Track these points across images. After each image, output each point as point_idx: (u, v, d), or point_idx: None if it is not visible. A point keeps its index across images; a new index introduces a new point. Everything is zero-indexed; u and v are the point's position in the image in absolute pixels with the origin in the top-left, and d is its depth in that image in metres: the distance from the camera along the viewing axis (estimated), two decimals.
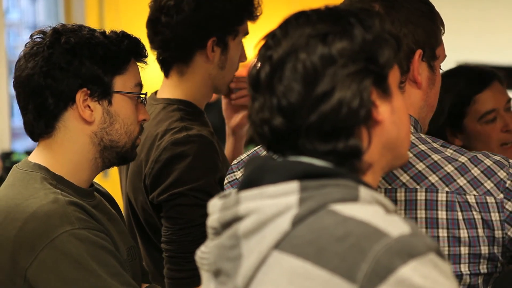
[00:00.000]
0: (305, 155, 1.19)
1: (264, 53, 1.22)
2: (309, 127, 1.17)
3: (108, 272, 1.65)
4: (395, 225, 1.12)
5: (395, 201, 1.55)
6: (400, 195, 1.55)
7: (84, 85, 1.75)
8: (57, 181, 1.75)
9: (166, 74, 2.28)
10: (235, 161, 1.78)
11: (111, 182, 3.68)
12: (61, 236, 1.64)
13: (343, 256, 1.11)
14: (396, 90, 1.24)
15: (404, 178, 1.55)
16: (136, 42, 1.84)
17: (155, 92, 2.33)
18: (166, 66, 2.26)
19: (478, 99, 2.30)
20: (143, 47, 1.85)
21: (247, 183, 1.22)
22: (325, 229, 1.13)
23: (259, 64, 1.22)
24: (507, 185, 1.54)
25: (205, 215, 1.30)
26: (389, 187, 1.56)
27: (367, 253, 1.10)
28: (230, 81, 2.28)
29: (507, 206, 1.54)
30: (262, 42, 1.24)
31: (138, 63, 1.85)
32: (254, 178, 1.21)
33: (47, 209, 1.67)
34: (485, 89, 2.30)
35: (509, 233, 1.54)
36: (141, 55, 1.84)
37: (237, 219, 1.20)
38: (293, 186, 1.17)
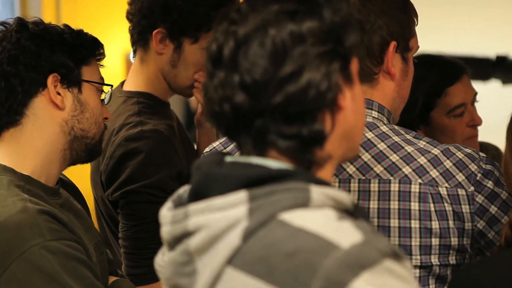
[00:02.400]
0: (267, 140, 1.14)
1: (228, 28, 1.15)
2: (274, 108, 1.11)
3: (82, 285, 1.61)
4: (346, 234, 1.07)
5: (368, 191, 1.57)
6: (374, 185, 1.57)
7: (55, 70, 1.73)
8: (25, 181, 1.70)
9: (133, 57, 2.27)
10: (207, 149, 1.78)
11: (66, 171, 3.64)
12: (32, 249, 1.59)
13: (294, 274, 1.06)
14: (356, 78, 1.20)
15: (378, 169, 1.57)
16: (96, 40, 1.84)
17: (122, 83, 2.31)
18: (133, 46, 2.25)
19: (449, 92, 2.30)
20: (102, 46, 1.84)
21: (194, 194, 1.16)
22: (275, 244, 1.08)
23: (220, 39, 1.15)
24: (477, 178, 1.57)
25: (159, 211, 1.26)
26: (363, 177, 1.57)
27: (318, 269, 1.05)
28: (185, 84, 2.21)
29: (477, 199, 1.57)
30: (223, 17, 1.18)
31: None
32: (201, 189, 1.16)
33: (16, 219, 1.60)
34: (457, 82, 2.31)
35: (478, 225, 1.57)
36: (100, 54, 1.83)
37: (187, 234, 1.15)
38: (241, 196, 1.11)
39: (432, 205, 1.55)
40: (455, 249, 1.57)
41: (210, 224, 1.12)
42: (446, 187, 1.56)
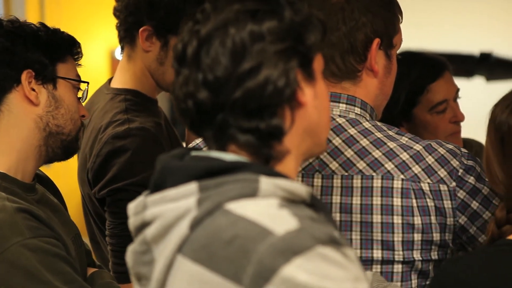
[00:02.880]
0: (228, 134, 1.18)
1: (192, 27, 1.20)
2: (234, 103, 1.16)
3: (62, 281, 1.62)
4: (282, 222, 1.10)
5: (351, 187, 1.58)
6: (357, 181, 1.57)
7: (29, 67, 1.74)
8: (1, 179, 1.70)
9: (121, 53, 2.26)
10: (190, 145, 1.79)
11: (53, 170, 3.63)
12: (12, 248, 1.60)
13: (231, 259, 1.10)
14: (319, 76, 1.24)
15: (361, 165, 1.58)
16: (72, 38, 1.84)
17: (110, 80, 2.30)
18: (120, 43, 2.25)
19: (432, 89, 2.30)
20: (79, 45, 1.85)
21: (154, 186, 1.21)
22: (216, 232, 1.12)
23: (185, 39, 1.20)
24: (459, 173, 1.58)
25: None
26: (346, 173, 1.58)
27: (252, 255, 1.08)
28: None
29: (459, 194, 1.58)
30: (189, 17, 1.23)
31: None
32: (159, 181, 1.20)
33: None
34: (439, 79, 2.31)
35: (460, 220, 1.58)
36: (77, 52, 1.84)
37: (145, 224, 1.20)
38: (192, 187, 1.16)
39: (414, 200, 1.56)
40: (437, 244, 1.58)
41: (164, 214, 1.17)
42: (428, 183, 1.57)
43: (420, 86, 2.30)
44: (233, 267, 1.10)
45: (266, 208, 1.13)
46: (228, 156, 1.18)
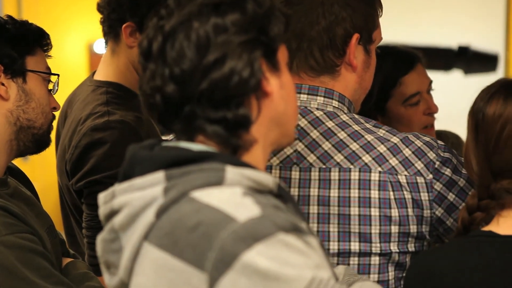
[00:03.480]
0: (196, 125, 1.20)
1: (157, 23, 1.22)
2: (201, 94, 1.18)
3: (40, 276, 1.62)
4: (245, 209, 1.13)
5: (329, 180, 1.59)
6: (334, 174, 1.58)
7: None
8: None
9: (105, 47, 2.27)
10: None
11: (30, 164, 3.62)
12: None
13: (194, 246, 1.12)
14: (284, 67, 1.27)
15: (339, 157, 1.59)
16: (41, 30, 1.83)
17: (93, 73, 2.30)
18: (104, 37, 2.25)
19: (404, 81, 2.31)
20: (48, 37, 1.84)
21: (122, 176, 1.24)
22: (180, 219, 1.15)
23: (150, 34, 1.22)
24: (436, 166, 1.60)
25: None
26: (324, 166, 1.59)
27: (214, 241, 1.10)
28: None
29: (435, 186, 1.59)
30: (154, 13, 1.24)
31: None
32: (128, 170, 1.23)
33: None
34: (411, 71, 2.32)
35: (437, 212, 1.60)
36: (46, 44, 1.83)
37: (114, 213, 1.22)
38: (158, 176, 1.18)
39: (391, 193, 1.57)
40: (414, 236, 1.59)
41: (131, 202, 1.19)
42: (405, 175, 1.58)
43: (392, 79, 2.31)
44: (195, 253, 1.12)
45: (230, 196, 1.15)
46: (196, 146, 1.21)
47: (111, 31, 2.19)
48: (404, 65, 2.33)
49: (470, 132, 1.50)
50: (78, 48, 5.22)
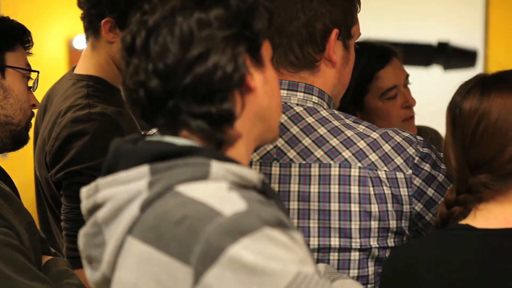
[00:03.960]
0: (179, 120, 1.20)
1: (140, 18, 1.22)
2: (185, 89, 1.17)
3: (16, 270, 1.61)
4: (230, 203, 1.12)
5: (309, 176, 1.59)
6: (315, 170, 1.59)
7: None
8: None
9: (86, 42, 2.27)
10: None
11: (10, 161, 3.60)
12: None
13: (179, 239, 1.12)
14: (268, 62, 1.27)
15: (319, 153, 1.59)
16: (22, 26, 1.82)
17: (74, 68, 2.31)
18: (85, 32, 2.25)
19: (380, 76, 2.32)
20: (29, 33, 1.83)
21: (106, 169, 1.23)
22: (166, 213, 1.14)
23: (133, 29, 1.22)
24: (415, 161, 1.61)
25: None
26: (304, 162, 1.60)
27: (199, 235, 1.10)
28: None
29: (415, 182, 1.60)
30: (137, 9, 1.24)
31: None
32: (112, 164, 1.22)
33: None
34: (386, 66, 2.33)
35: (416, 207, 1.61)
36: (27, 41, 1.82)
37: (97, 207, 1.21)
38: (143, 170, 1.18)
39: (371, 188, 1.58)
40: (393, 231, 1.60)
41: (115, 196, 1.19)
42: (385, 171, 1.59)
43: (368, 73, 2.31)
44: (181, 247, 1.11)
45: (215, 190, 1.15)
46: (180, 141, 1.20)
47: (91, 26, 2.19)
48: (379, 60, 2.34)
49: (448, 127, 1.51)
50: (58, 44, 5.19)
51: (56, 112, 2.14)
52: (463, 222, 1.48)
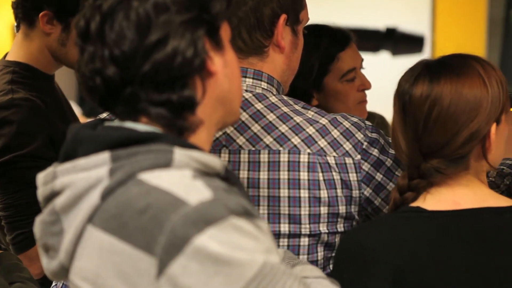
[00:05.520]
0: (139, 108, 1.17)
1: (94, 2, 1.18)
2: (143, 77, 1.14)
3: None
4: (196, 192, 1.10)
5: (258, 162, 1.58)
6: (264, 156, 1.58)
7: None
8: None
9: (16, 31, 2.25)
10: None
11: None
12: None
13: (143, 229, 1.09)
14: (228, 44, 1.24)
15: (268, 140, 1.59)
16: None
17: (6, 54, 2.29)
18: (16, 20, 2.23)
19: (341, 57, 2.34)
20: None
21: (64, 156, 1.19)
22: (128, 202, 1.12)
23: (87, 14, 1.18)
24: (364, 146, 1.61)
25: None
26: (253, 148, 1.59)
27: (164, 224, 1.08)
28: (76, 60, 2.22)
29: (363, 167, 1.61)
30: None
31: None
32: (70, 150, 1.19)
33: None
34: (347, 48, 2.36)
35: (365, 192, 1.61)
36: None
37: (54, 194, 1.18)
38: (104, 157, 1.15)
39: (320, 174, 1.58)
40: (343, 217, 1.61)
41: (74, 183, 1.15)
42: (334, 156, 1.59)
43: (330, 54, 2.33)
44: (145, 237, 1.09)
45: (180, 179, 1.13)
46: (142, 127, 1.17)
47: (25, 17, 2.18)
48: (340, 42, 2.36)
49: (397, 114, 1.52)
50: (3, 30, 5.10)
51: None
52: (414, 204, 1.50)
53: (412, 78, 1.50)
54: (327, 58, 2.33)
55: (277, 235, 1.58)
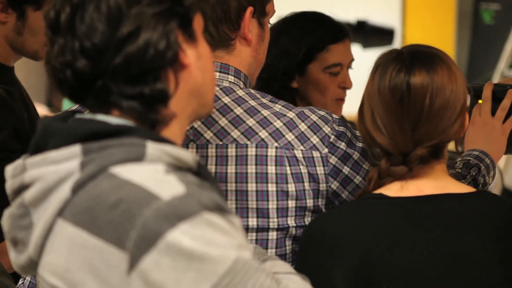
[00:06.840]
0: (110, 101, 1.15)
1: None
2: (115, 70, 1.13)
3: None
4: (168, 187, 1.09)
5: (226, 156, 1.58)
6: (231, 150, 1.58)
7: None
8: None
9: None
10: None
11: None
12: None
13: (114, 224, 1.08)
14: (201, 36, 1.23)
15: (235, 133, 1.58)
16: None
17: None
18: None
19: (331, 49, 2.35)
20: None
21: (34, 148, 1.18)
22: (100, 196, 1.10)
23: (57, 5, 1.17)
24: (331, 139, 1.61)
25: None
26: (220, 143, 1.58)
27: (136, 219, 1.07)
28: (34, 49, 2.18)
29: (331, 160, 1.61)
30: None
31: None
32: (40, 143, 1.17)
33: None
34: (340, 42, 2.37)
35: (332, 186, 1.61)
36: None
37: (24, 187, 1.16)
38: (75, 149, 1.13)
39: (288, 168, 1.57)
40: (310, 210, 1.60)
41: (44, 176, 1.14)
42: (301, 150, 1.59)
43: (321, 43, 2.34)
44: (116, 232, 1.08)
45: (152, 173, 1.11)
46: (114, 120, 1.16)
47: None
48: (335, 34, 2.37)
49: (388, 105, 1.49)
50: None
51: None
52: (376, 191, 1.51)
53: (404, 68, 1.49)
54: (317, 45, 2.34)
55: (245, 229, 1.57)
